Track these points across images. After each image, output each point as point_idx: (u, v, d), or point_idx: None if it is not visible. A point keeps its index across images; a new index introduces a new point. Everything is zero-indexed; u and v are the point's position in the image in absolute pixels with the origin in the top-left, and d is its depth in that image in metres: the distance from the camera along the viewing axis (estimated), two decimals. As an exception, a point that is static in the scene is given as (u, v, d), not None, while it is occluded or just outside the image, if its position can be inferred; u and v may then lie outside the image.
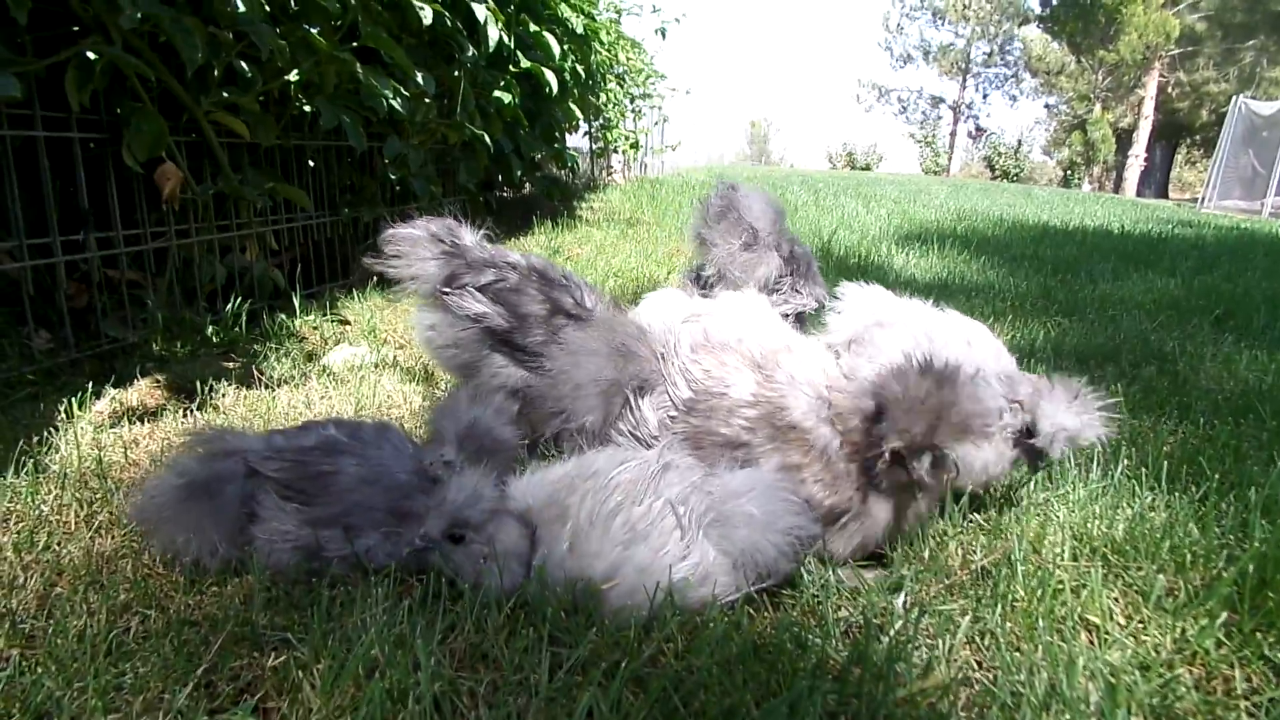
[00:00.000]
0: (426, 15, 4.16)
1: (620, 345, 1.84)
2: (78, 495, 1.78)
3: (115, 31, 2.71)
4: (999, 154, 44.96)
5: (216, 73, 3.26)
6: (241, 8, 3.10)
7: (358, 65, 3.65)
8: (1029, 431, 1.92)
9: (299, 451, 1.59)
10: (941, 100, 55.04)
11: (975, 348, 2.09)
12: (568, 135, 9.48)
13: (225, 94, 3.29)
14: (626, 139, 13.18)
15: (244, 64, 3.26)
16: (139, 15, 2.66)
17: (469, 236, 2.34)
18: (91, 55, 2.69)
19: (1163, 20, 31.79)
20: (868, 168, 53.00)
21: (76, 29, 2.83)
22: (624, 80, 12.65)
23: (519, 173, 6.81)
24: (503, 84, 5.69)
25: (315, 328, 3.58)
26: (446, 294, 2.20)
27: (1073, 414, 1.89)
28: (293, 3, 3.58)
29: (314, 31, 3.55)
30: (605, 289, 4.47)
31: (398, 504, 1.55)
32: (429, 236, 2.26)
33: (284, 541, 1.51)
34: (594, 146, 12.51)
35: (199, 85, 3.24)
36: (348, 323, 3.74)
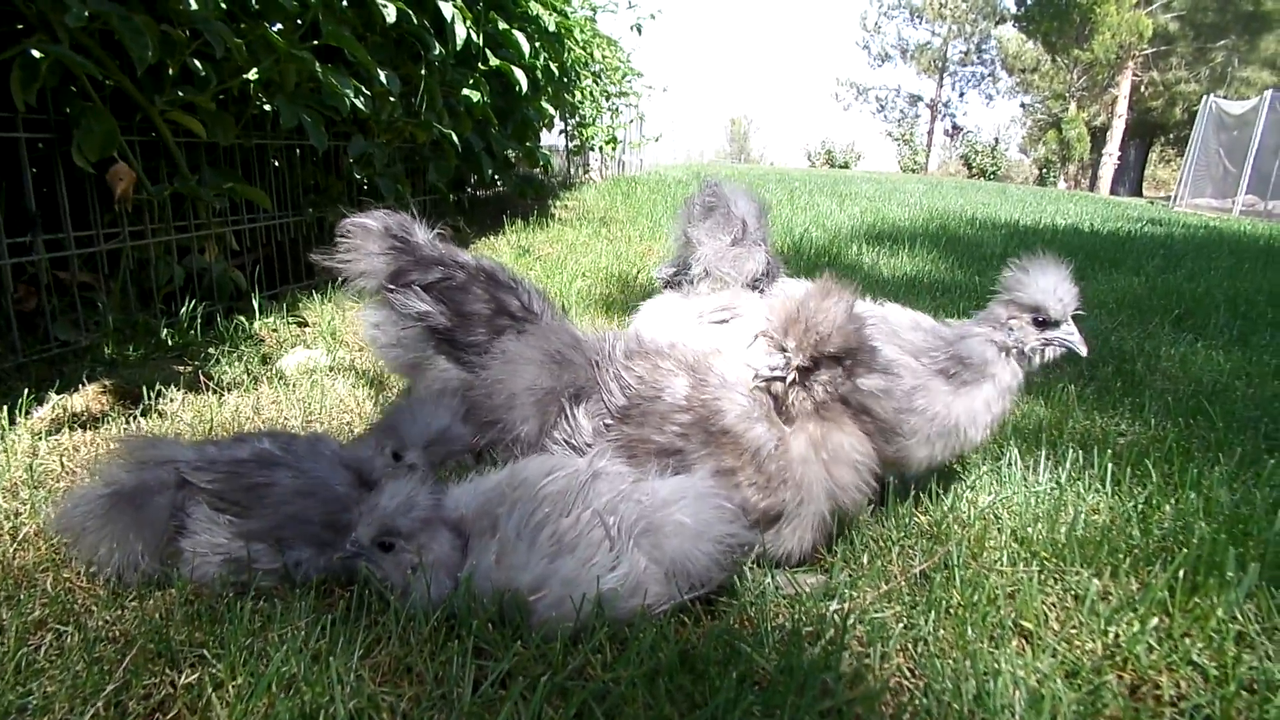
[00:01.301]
0: (390, 13, 4.12)
1: (556, 353, 1.83)
2: (4, 505, 1.74)
3: (61, 30, 2.66)
4: (976, 152, 45.22)
5: (171, 71, 3.21)
6: (195, 5, 3.05)
7: (317, 64, 3.61)
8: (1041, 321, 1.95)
9: (233, 463, 1.57)
10: (919, 99, 55.40)
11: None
12: (543, 133, 9.44)
13: (180, 93, 3.24)
14: (604, 135, 13.13)
15: (199, 63, 3.21)
16: (85, 13, 2.62)
17: (421, 234, 2.33)
18: (37, 54, 2.64)
19: (1136, 20, 32.13)
20: (846, 166, 53.13)
21: (21, 27, 2.79)
22: (600, 78, 12.61)
23: (490, 171, 6.76)
24: (472, 82, 5.65)
25: (274, 330, 3.54)
26: (391, 291, 2.19)
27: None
28: (253, 1, 3.54)
29: (274, 30, 3.51)
30: (573, 289, 4.46)
31: (335, 517, 1.53)
32: (382, 230, 2.25)
33: (213, 554, 1.48)
34: (570, 145, 12.47)
35: (153, 84, 3.19)
36: (307, 324, 3.70)
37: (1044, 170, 40.04)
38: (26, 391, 2.38)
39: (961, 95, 54.15)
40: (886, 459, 1.97)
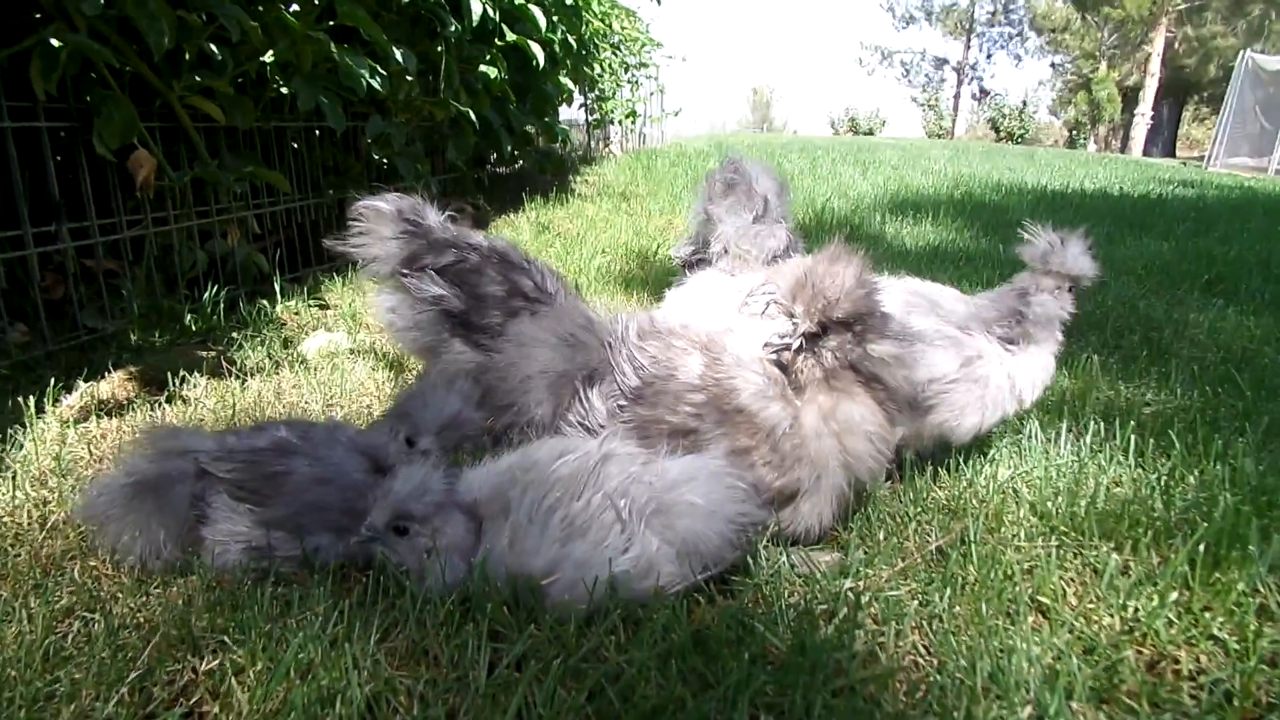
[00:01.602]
0: (404, -9, 4.10)
1: (568, 335, 1.83)
2: (34, 494, 1.79)
3: (79, 18, 2.68)
4: (1003, 115, 44.29)
5: (188, 56, 3.23)
6: (210, -11, 3.06)
7: (333, 45, 3.61)
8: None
9: (252, 452, 1.59)
10: (945, 62, 54.29)
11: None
12: (562, 108, 9.39)
13: (198, 78, 3.26)
14: (623, 109, 13.04)
15: (215, 47, 3.22)
16: (102, 1, 2.64)
17: (433, 217, 2.33)
18: (56, 43, 2.66)
19: (1170, -26, 31.25)
20: (870, 132, 52.34)
21: (39, 16, 2.81)
22: (619, 50, 12.50)
23: (509, 148, 6.75)
24: (488, 58, 5.62)
25: (296, 313, 3.58)
26: (406, 276, 2.20)
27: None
28: (269, -18, 3.54)
29: (289, 11, 3.51)
30: (593, 266, 4.46)
31: (352, 503, 1.55)
32: (395, 213, 2.25)
33: (234, 542, 1.51)
34: (590, 118, 12.40)
35: (170, 70, 3.21)
36: (329, 307, 3.73)
37: (1074, 132, 39.24)
38: (54, 380, 2.43)
39: (989, 57, 52.97)
40: (928, 432, 2.01)
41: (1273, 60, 20.06)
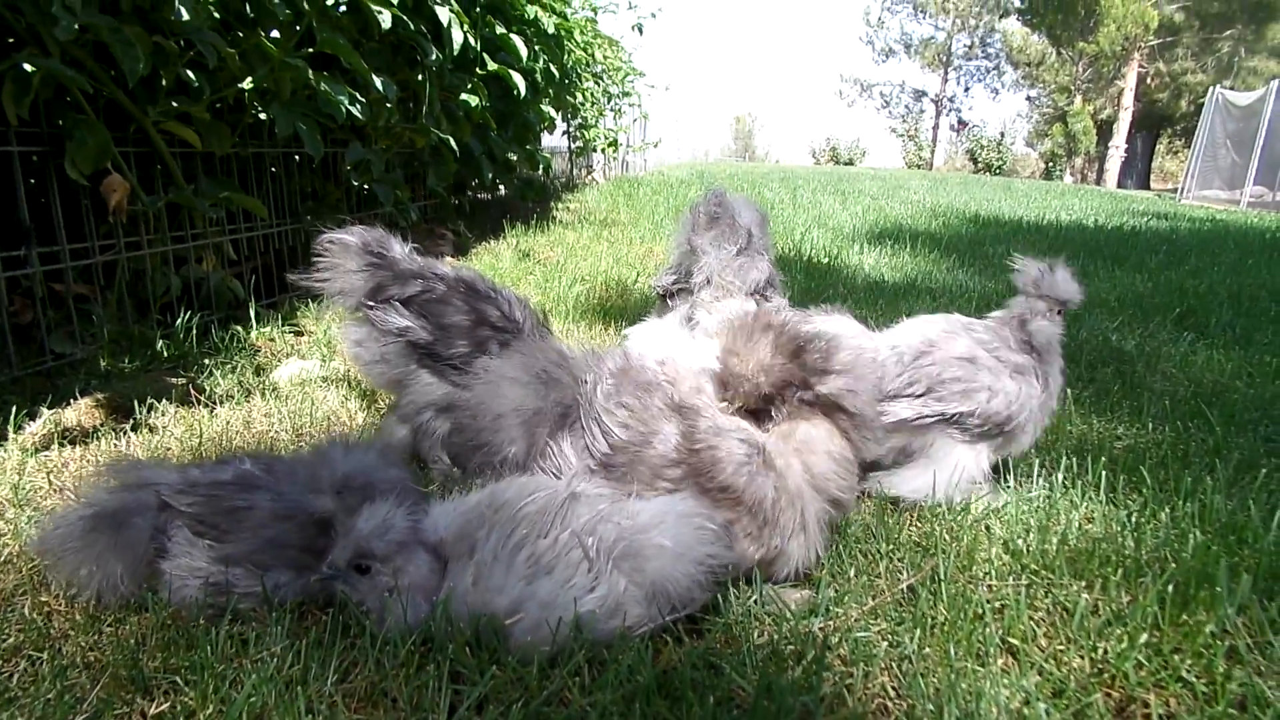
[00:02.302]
0: (385, 19, 4.12)
1: (541, 372, 1.79)
2: (-12, 527, 1.75)
3: (52, 43, 2.66)
4: (981, 147, 44.95)
5: (165, 82, 3.21)
6: (187, 15, 3.05)
7: (310, 72, 3.60)
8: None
9: (213, 486, 1.56)
10: (924, 94, 55.17)
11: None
12: (544, 135, 9.43)
13: (175, 103, 3.25)
14: (605, 138, 13.12)
15: (192, 73, 3.21)
16: (76, 26, 2.62)
17: (398, 249, 2.33)
18: (28, 67, 2.64)
19: (1141, 11, 31.92)
20: (851, 162, 52.98)
21: (12, 40, 2.79)
22: (601, 79, 12.60)
23: (490, 175, 6.76)
24: (470, 87, 5.65)
25: (270, 340, 3.54)
26: (371, 308, 2.19)
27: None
28: (248, 9, 3.55)
29: (269, 38, 3.51)
30: (571, 294, 4.45)
31: (313, 540, 1.52)
32: (360, 246, 2.25)
33: (193, 578, 1.48)
34: (572, 146, 12.47)
35: (146, 95, 3.19)
36: (304, 334, 3.70)
37: (1050, 164, 39.85)
38: (17, 407, 2.38)
39: (967, 90, 54.01)
40: (1017, 452, 2.24)
41: (1242, 96, 20.49)
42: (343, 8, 4.03)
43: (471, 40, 5.35)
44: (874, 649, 1.46)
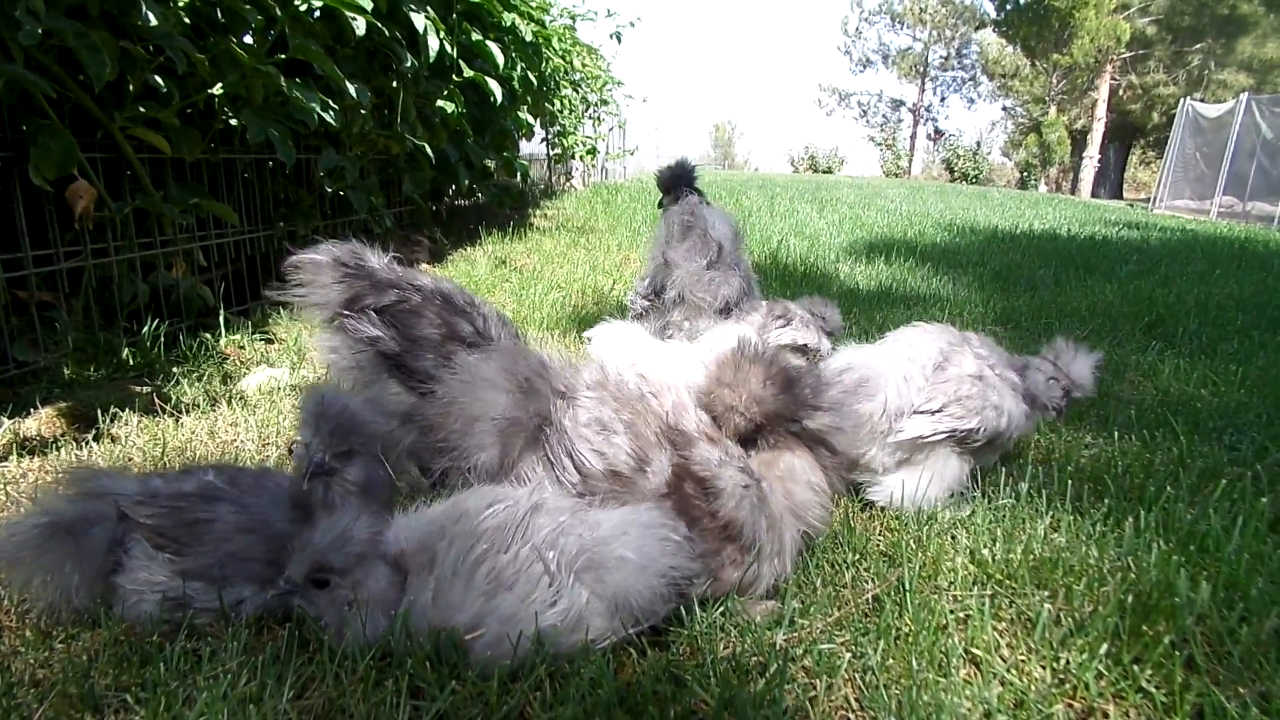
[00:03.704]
0: (360, 26, 4.09)
1: (524, 380, 1.71)
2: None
3: (15, 48, 2.62)
4: (958, 156, 45.33)
5: (132, 87, 3.18)
6: (155, 21, 3.02)
7: (282, 78, 3.58)
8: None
9: (174, 498, 1.54)
10: (901, 103, 55.59)
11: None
12: (523, 142, 9.41)
13: (143, 109, 3.21)
14: (583, 145, 13.12)
15: (160, 78, 3.17)
16: (40, 31, 2.58)
17: (375, 259, 2.31)
18: (-10, 73, 2.60)
19: (1113, 24, 32.38)
20: (829, 171, 53.28)
21: (-26, 45, 2.75)
22: (580, 86, 12.61)
23: (467, 182, 6.74)
24: (446, 93, 5.63)
25: (240, 347, 3.50)
26: (346, 316, 2.17)
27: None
28: (219, 14, 3.51)
29: (239, 44, 3.48)
30: (547, 302, 4.44)
31: (277, 555, 1.49)
32: (332, 262, 2.22)
33: (150, 592, 1.45)
34: (551, 153, 12.47)
35: (114, 100, 3.16)
36: (274, 341, 3.67)
37: (1025, 173, 40.26)
38: (-22, 417, 2.34)
39: (943, 100, 54.39)
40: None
41: (1212, 108, 20.83)
42: (316, 13, 4.01)
43: (448, 47, 5.34)
44: (838, 660, 1.46)
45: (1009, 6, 37.35)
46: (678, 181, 3.53)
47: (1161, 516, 1.99)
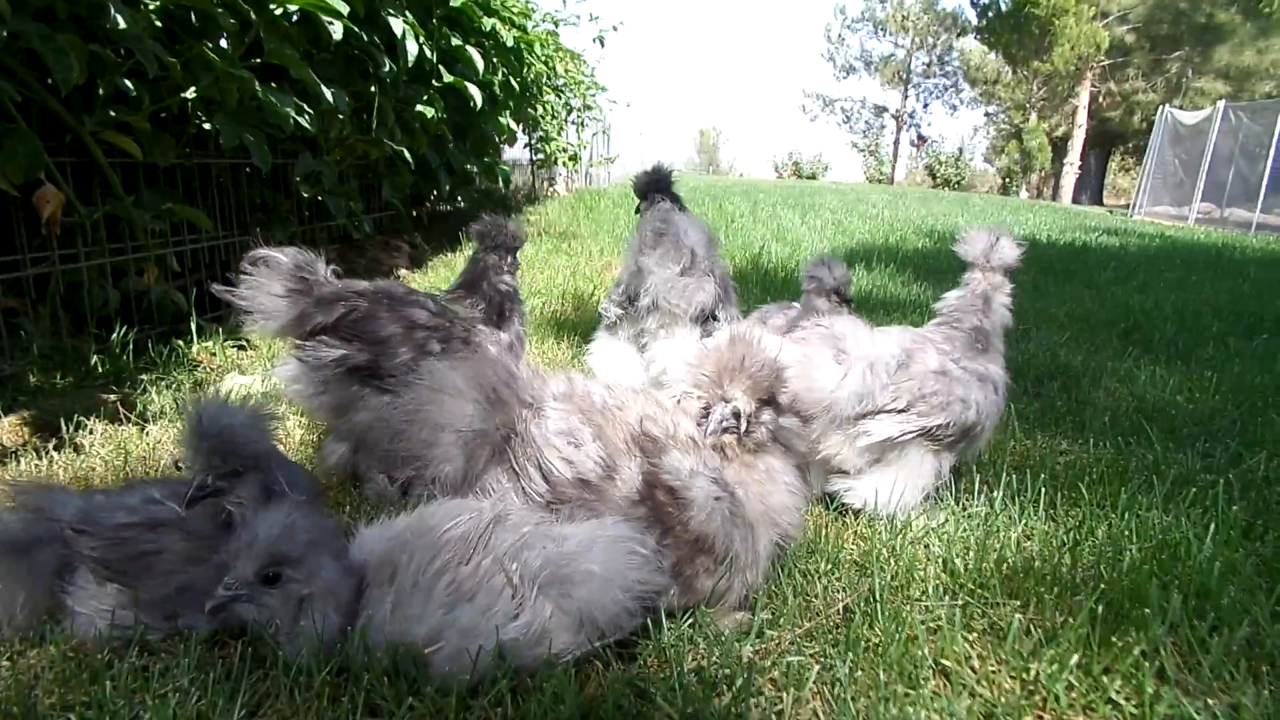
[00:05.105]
0: (336, 30, 4.05)
1: (491, 391, 1.66)
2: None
3: (-22, 51, 2.58)
4: (940, 162, 45.63)
5: (102, 91, 3.13)
6: (124, 24, 2.98)
7: (256, 83, 3.54)
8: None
9: (118, 529, 1.48)
10: (884, 110, 55.90)
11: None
12: (505, 148, 9.38)
13: (113, 113, 3.17)
14: (565, 151, 13.11)
15: (130, 82, 3.13)
16: (5, 33, 2.54)
17: (322, 271, 2.29)
18: (-48, 76, 2.56)
19: (1093, 32, 32.69)
20: (813, 177, 53.49)
21: (-64, 47, 2.70)
22: (563, 92, 12.60)
23: (448, 187, 6.71)
24: (426, 98, 5.60)
25: (212, 354, 3.46)
26: (301, 347, 2.16)
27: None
28: (193, 18, 3.47)
29: (215, 47, 3.44)
30: (526, 308, 4.40)
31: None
32: (292, 267, 2.20)
33: (99, 618, 1.41)
34: (534, 159, 12.44)
35: (83, 104, 3.11)
36: (248, 348, 3.62)
37: (1007, 180, 40.56)
38: (-64, 426, 2.29)
39: (926, 106, 54.69)
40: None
41: (1190, 115, 21.04)
42: (293, 18, 3.97)
43: (427, 52, 5.30)
44: (806, 673, 1.44)
45: (990, 14, 37.66)
46: (653, 187, 3.52)
47: (1135, 524, 1.98)
